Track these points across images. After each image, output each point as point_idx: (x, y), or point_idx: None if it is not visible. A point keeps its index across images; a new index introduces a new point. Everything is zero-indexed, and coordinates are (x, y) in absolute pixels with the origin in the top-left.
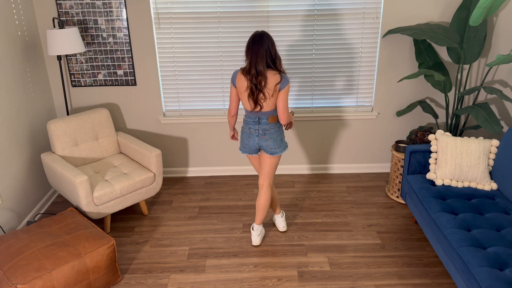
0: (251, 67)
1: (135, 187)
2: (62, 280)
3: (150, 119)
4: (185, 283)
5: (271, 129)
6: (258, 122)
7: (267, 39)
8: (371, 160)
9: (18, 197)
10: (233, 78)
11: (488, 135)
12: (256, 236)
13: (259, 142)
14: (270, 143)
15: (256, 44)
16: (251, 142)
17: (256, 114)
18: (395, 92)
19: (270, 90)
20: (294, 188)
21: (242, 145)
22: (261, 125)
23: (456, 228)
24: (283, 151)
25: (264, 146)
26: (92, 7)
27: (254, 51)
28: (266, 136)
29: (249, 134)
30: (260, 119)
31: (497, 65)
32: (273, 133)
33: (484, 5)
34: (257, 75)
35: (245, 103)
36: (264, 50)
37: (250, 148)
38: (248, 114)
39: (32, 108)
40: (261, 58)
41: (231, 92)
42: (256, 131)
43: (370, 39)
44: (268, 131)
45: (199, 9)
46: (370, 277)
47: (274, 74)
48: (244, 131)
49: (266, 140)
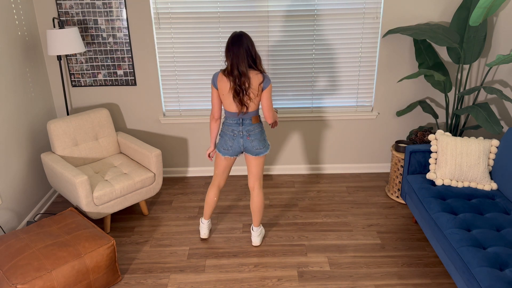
0: (233, 68)
1: (135, 187)
2: (62, 280)
3: (150, 119)
4: (185, 283)
5: (256, 129)
6: (241, 123)
7: (246, 39)
8: (371, 160)
9: (18, 197)
10: (213, 80)
11: (488, 135)
12: (256, 237)
13: (244, 144)
14: (256, 144)
15: (236, 44)
16: (236, 144)
17: (239, 116)
18: (395, 92)
19: (255, 90)
20: (294, 188)
21: (224, 147)
22: (245, 126)
23: (456, 228)
24: (267, 151)
25: (250, 147)
26: (92, 7)
27: (234, 52)
28: (251, 137)
29: (233, 136)
30: (244, 120)
31: (497, 65)
32: (258, 134)
33: (484, 5)
34: (240, 76)
35: (229, 105)
36: (244, 50)
37: (234, 150)
38: (229, 116)
39: (32, 108)
40: (242, 58)
41: (212, 95)
42: (240, 132)
43: (370, 39)
44: (253, 131)
45: (199, 9)
46: (370, 277)
47: (257, 74)
48: (226, 134)
49: (252, 141)
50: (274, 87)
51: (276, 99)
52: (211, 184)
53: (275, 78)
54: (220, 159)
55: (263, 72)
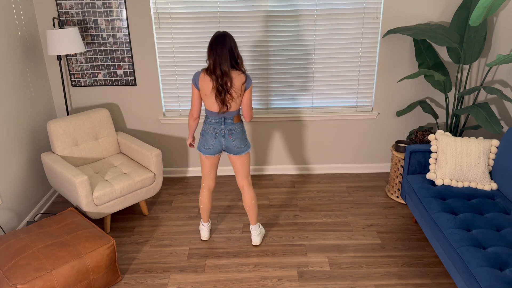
0: (216, 68)
1: (135, 187)
2: (62, 280)
3: (150, 119)
4: (185, 283)
5: (237, 128)
6: (223, 122)
7: (229, 39)
8: (371, 160)
9: (18, 197)
10: (195, 80)
11: (488, 135)
12: (256, 236)
13: (226, 143)
14: (237, 143)
15: (219, 44)
16: (217, 143)
17: (221, 115)
18: (395, 92)
19: (238, 90)
20: (294, 188)
21: (205, 146)
22: (226, 126)
23: (456, 228)
24: (248, 150)
25: (231, 146)
26: (92, 7)
27: (217, 52)
28: (233, 136)
29: (215, 135)
30: (226, 120)
31: (497, 65)
32: (239, 133)
33: (484, 5)
34: (223, 75)
35: (211, 104)
36: (227, 50)
37: (215, 149)
38: (211, 115)
39: (32, 108)
40: (224, 58)
41: (193, 94)
42: (222, 131)
43: (370, 39)
44: (235, 131)
45: (199, 9)
46: (370, 277)
47: (239, 74)
48: (207, 132)
49: (234, 140)
50: (274, 87)
51: (276, 99)
52: (202, 187)
53: (275, 78)
54: (203, 159)
55: (244, 72)
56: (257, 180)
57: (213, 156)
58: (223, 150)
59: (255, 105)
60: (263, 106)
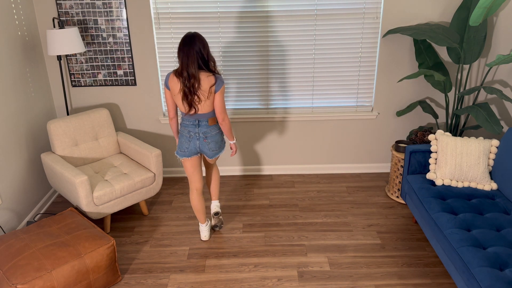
0: (183, 70)
1: (135, 187)
2: (62, 280)
3: (150, 119)
4: (185, 283)
5: (212, 131)
6: (198, 125)
7: (198, 41)
8: (371, 160)
9: (18, 197)
10: (166, 81)
11: (488, 135)
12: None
13: (200, 146)
14: (212, 146)
15: (187, 46)
16: (192, 145)
17: (195, 117)
18: (395, 92)
19: (205, 92)
20: (294, 188)
21: (180, 149)
22: (201, 128)
23: (456, 228)
24: (222, 151)
25: (206, 149)
26: (92, 7)
27: (185, 53)
28: (208, 139)
29: (189, 138)
30: (200, 122)
31: (497, 65)
32: (214, 136)
33: (484, 5)
34: (189, 77)
35: (180, 105)
36: (195, 52)
37: (190, 151)
38: (186, 117)
39: (32, 108)
40: (192, 60)
41: (165, 95)
42: (197, 134)
43: (370, 39)
44: (209, 133)
45: (199, 9)
46: (370, 277)
47: (208, 76)
48: (183, 135)
49: (208, 143)
50: (274, 87)
51: (276, 99)
52: (190, 190)
53: (275, 78)
54: (183, 161)
55: (215, 73)
56: (257, 180)
57: (190, 158)
58: (199, 152)
59: (256, 105)
60: (263, 106)
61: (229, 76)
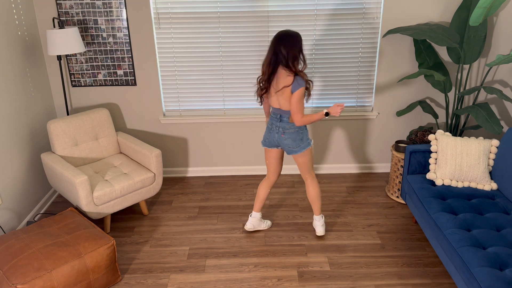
0: (263, 65)
1: (135, 187)
2: (62, 280)
3: (150, 119)
4: (185, 283)
5: (291, 129)
6: (279, 119)
7: (285, 39)
8: (371, 160)
9: (18, 197)
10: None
11: (488, 135)
12: (320, 226)
13: (278, 139)
14: (289, 143)
15: (271, 44)
16: (271, 137)
17: (278, 111)
18: (395, 92)
19: (282, 92)
20: (294, 188)
21: (264, 137)
22: (282, 123)
23: (456, 228)
24: (303, 150)
25: (283, 144)
26: (92, 7)
27: (270, 48)
28: (285, 135)
29: (270, 129)
30: (282, 117)
31: (497, 65)
32: (292, 133)
33: (484, 5)
34: (263, 74)
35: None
36: (273, 49)
37: (269, 142)
38: (272, 110)
39: (32, 108)
40: (267, 58)
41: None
42: (277, 127)
43: (370, 39)
44: (288, 130)
45: (199, 9)
46: (370, 277)
47: (288, 76)
48: (267, 126)
49: (285, 139)
50: None
51: None
52: (264, 178)
53: None
54: (265, 150)
55: (297, 75)
56: (257, 180)
57: (270, 148)
58: (278, 145)
59: (256, 105)
60: None
61: (229, 76)
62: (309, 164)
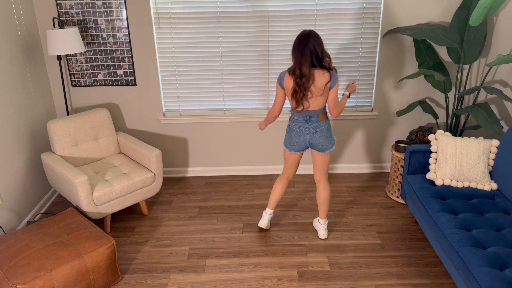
0: (296, 68)
1: (135, 187)
2: (62, 280)
3: (150, 119)
4: (185, 283)
5: (322, 126)
6: (308, 120)
7: (313, 39)
8: (371, 160)
9: (18, 197)
10: (280, 79)
11: (488, 135)
12: (324, 230)
13: (310, 140)
14: (322, 141)
15: (302, 44)
16: (302, 140)
17: (305, 113)
18: (395, 92)
19: (320, 89)
20: (294, 188)
21: (290, 143)
22: (311, 123)
23: (456, 228)
24: (333, 147)
25: (316, 144)
26: (92, 7)
27: (299, 51)
28: (317, 134)
29: (299, 132)
30: (311, 117)
31: (497, 65)
32: (324, 131)
33: (484, 5)
34: (301, 76)
35: (291, 102)
36: (309, 50)
37: (300, 146)
38: (296, 113)
39: (32, 108)
40: (305, 58)
41: (277, 94)
42: (307, 129)
43: (370, 39)
44: (319, 128)
45: (199, 9)
46: (370, 277)
47: (323, 73)
48: (293, 130)
49: (318, 138)
50: (274, 87)
51: None
52: (280, 176)
53: (275, 78)
54: (287, 155)
55: (330, 70)
56: (258, 180)
57: (298, 153)
58: (308, 147)
59: (256, 105)
60: (263, 106)
61: (229, 76)
62: (328, 164)
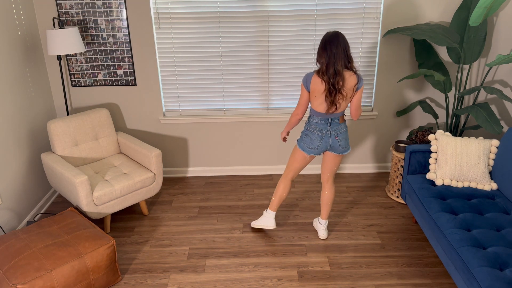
0: (329, 67)
1: (135, 187)
2: (62, 280)
3: (150, 119)
4: (185, 283)
5: (342, 129)
6: (330, 123)
7: (343, 40)
8: (371, 160)
9: (18, 197)
10: (306, 82)
11: (488, 135)
12: (324, 230)
13: (332, 143)
14: (343, 143)
15: (334, 44)
16: (323, 143)
17: (328, 116)
18: (395, 92)
19: (349, 90)
20: (294, 188)
21: (310, 146)
22: (333, 126)
23: (456, 228)
24: (350, 149)
25: (337, 146)
26: (92, 7)
27: (332, 51)
28: (339, 136)
29: (321, 135)
30: (332, 120)
31: (497, 65)
32: (344, 133)
33: (484, 5)
34: (336, 75)
35: (319, 105)
36: (342, 49)
37: (321, 149)
38: (317, 116)
39: (32, 108)
40: (340, 57)
41: (302, 96)
42: (328, 132)
43: (370, 39)
44: (340, 131)
45: (199, 9)
46: (370, 277)
47: (352, 75)
48: (313, 133)
49: (340, 141)
50: (274, 87)
51: (276, 99)
52: (284, 177)
53: (275, 78)
54: (301, 157)
55: (356, 72)
56: (257, 180)
57: (314, 156)
58: (327, 149)
59: (256, 105)
60: (263, 106)
61: (229, 76)
62: (339, 165)
